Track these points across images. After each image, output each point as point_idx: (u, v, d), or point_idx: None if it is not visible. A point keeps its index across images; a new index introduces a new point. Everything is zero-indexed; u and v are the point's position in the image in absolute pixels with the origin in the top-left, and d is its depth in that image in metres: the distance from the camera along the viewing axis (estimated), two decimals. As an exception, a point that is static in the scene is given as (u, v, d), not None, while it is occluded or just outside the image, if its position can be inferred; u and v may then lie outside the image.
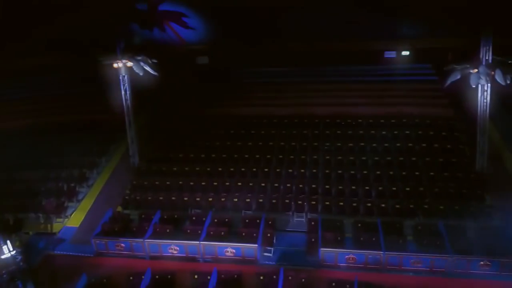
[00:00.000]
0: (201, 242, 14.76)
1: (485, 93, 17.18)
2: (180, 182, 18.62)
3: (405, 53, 25.54)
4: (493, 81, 16.50)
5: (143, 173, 19.70)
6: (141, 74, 18.55)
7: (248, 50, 25.25)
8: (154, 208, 17.04)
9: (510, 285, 12.86)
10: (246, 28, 23.11)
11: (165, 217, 16.59)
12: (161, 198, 17.79)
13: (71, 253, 15.62)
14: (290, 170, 18.70)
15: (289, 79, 25.91)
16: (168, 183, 18.68)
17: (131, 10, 20.96)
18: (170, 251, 14.99)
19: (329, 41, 24.87)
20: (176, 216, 16.63)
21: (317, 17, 22.63)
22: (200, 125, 23.17)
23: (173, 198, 17.70)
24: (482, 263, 13.30)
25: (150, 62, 18.89)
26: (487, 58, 16.61)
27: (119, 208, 17.69)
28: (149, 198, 17.86)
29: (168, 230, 15.62)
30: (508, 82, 16.17)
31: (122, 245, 15.20)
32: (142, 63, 18.63)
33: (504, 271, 13.18)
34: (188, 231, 15.55)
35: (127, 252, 15.23)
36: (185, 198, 17.64)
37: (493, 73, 16.40)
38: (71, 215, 17.72)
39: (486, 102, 17.33)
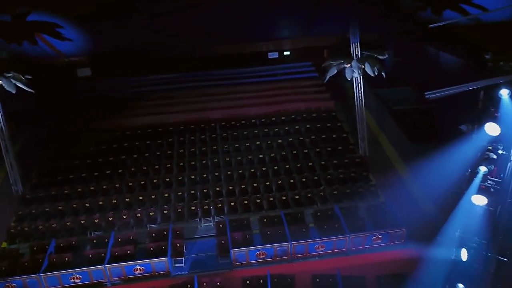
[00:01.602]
0: (106, 265, 13.91)
1: (359, 84, 19.16)
2: (74, 205, 17.26)
3: (286, 53, 27.12)
4: (364, 73, 18.54)
5: (30, 201, 17.78)
6: (13, 92, 16.76)
7: (133, 58, 24.36)
8: (48, 237, 15.62)
9: (400, 253, 14.51)
10: (128, 37, 22.23)
11: (62, 245, 15.25)
12: (54, 225, 16.30)
13: None
14: (193, 177, 18.60)
15: (180, 85, 25.64)
16: (60, 207, 17.18)
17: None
18: (72, 280, 13.88)
19: (212, 45, 25.19)
20: (74, 242, 15.39)
21: (200, 21, 22.77)
22: (90, 140, 21.64)
23: (68, 223, 16.36)
24: (374, 237, 14.81)
25: (23, 78, 17.16)
26: (357, 53, 18.57)
27: (4, 244, 15.78)
28: (40, 227, 16.23)
29: (67, 259, 14.45)
30: (376, 73, 18.32)
31: (13, 284, 13.60)
32: (13, 80, 16.83)
33: (393, 241, 14.88)
34: (90, 256, 14.52)
35: (21, 291, 13.66)
36: (82, 221, 16.45)
37: (363, 66, 18.41)
38: None
39: (361, 93, 19.34)
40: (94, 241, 15.46)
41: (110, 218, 16.49)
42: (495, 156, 10.70)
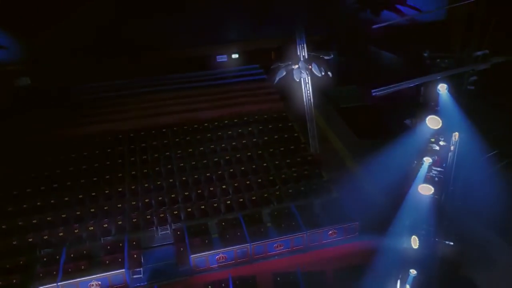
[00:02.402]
0: (59, 283, 13.29)
1: (308, 85, 19.66)
2: (20, 223, 16.26)
3: (235, 56, 27.28)
4: (311, 74, 19.05)
5: (-32, 222, 16.54)
6: None
7: (77, 65, 23.38)
8: (-9, 259, 14.57)
9: (355, 245, 15.07)
10: (71, 41, 21.39)
11: (8, 266, 14.30)
12: (-3, 246, 15.29)
13: None
14: (146, 185, 18.15)
15: (128, 91, 24.86)
16: (4, 226, 16.10)
17: None
18: (23, 303, 13.11)
19: (161, 50, 24.85)
20: (22, 262, 14.50)
21: (147, 27, 22.40)
22: (34, 153, 20.36)
23: (14, 242, 15.38)
24: (330, 232, 15.27)
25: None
26: (303, 54, 19.04)
27: None
28: (-18, 249, 15.15)
29: (14, 281, 13.61)
30: (323, 73, 18.90)
31: (-45, 314, 12.65)
32: None
33: (347, 234, 15.42)
34: (41, 275, 13.77)
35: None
36: (30, 239, 15.51)
37: (310, 67, 18.93)
38: None
39: (309, 93, 19.85)
40: (44, 259, 14.63)
41: (61, 234, 15.71)
42: (437, 147, 11.42)
